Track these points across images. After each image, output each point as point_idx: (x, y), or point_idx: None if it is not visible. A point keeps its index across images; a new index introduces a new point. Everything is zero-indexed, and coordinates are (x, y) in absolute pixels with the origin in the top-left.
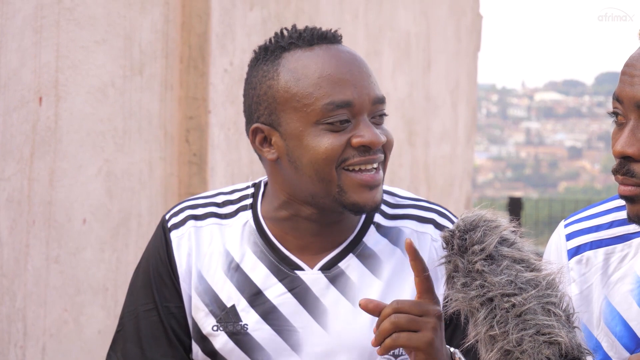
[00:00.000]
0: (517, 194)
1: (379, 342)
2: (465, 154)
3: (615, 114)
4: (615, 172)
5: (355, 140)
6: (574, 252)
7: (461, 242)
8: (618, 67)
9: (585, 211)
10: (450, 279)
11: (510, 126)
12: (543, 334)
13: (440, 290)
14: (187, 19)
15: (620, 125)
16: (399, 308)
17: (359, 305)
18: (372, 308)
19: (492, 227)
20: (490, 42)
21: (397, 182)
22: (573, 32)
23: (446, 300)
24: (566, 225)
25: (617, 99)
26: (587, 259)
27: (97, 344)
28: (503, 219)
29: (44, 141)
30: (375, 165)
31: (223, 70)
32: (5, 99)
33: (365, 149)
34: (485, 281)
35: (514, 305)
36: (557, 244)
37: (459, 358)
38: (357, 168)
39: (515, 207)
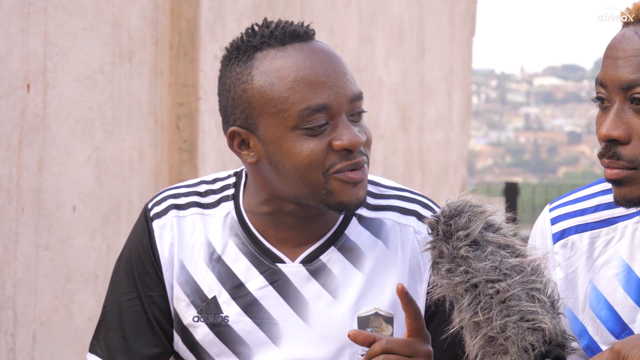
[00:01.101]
0: (517, 179)
1: None
2: (460, 139)
3: (599, 99)
4: (601, 155)
5: (336, 143)
6: (559, 236)
7: (446, 228)
8: None
9: (570, 195)
10: (435, 265)
11: (509, 111)
12: (527, 320)
13: (424, 277)
14: (176, 5)
15: (604, 110)
16: (389, 348)
17: (348, 336)
18: (361, 340)
19: (478, 213)
20: (489, 27)
21: (391, 168)
22: (572, 17)
23: (431, 287)
24: (551, 210)
25: (600, 83)
26: (572, 243)
27: (88, 332)
28: (489, 205)
29: (32, 129)
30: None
31: (213, 56)
32: None
33: (348, 151)
34: (469, 267)
35: (498, 292)
36: (542, 228)
37: None
38: (343, 170)
39: (511, 192)
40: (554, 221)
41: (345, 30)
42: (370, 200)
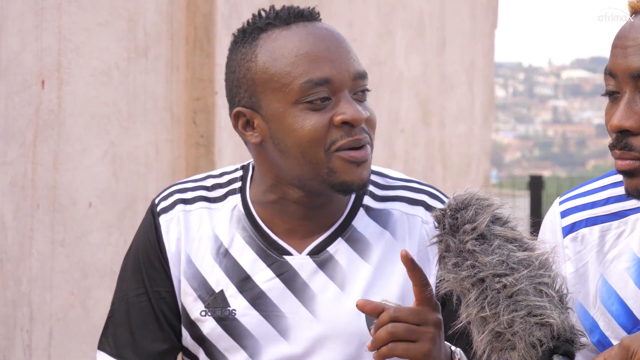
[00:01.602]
0: (545, 173)
1: (375, 348)
2: (482, 133)
3: (608, 89)
4: (612, 147)
5: (337, 118)
6: (568, 230)
7: (452, 221)
8: None
9: (580, 188)
10: (442, 259)
11: (537, 105)
12: (534, 315)
13: (432, 271)
14: (192, 0)
15: (614, 100)
16: (397, 317)
17: (356, 305)
18: (370, 310)
19: (485, 206)
20: (516, 19)
21: (412, 162)
22: (600, 8)
23: (438, 281)
24: (561, 202)
25: (610, 73)
26: (582, 237)
27: None
28: (496, 198)
29: (47, 125)
30: (362, 145)
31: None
32: (6, 82)
33: (349, 126)
34: (476, 261)
35: (505, 286)
36: (552, 222)
37: (459, 358)
38: (345, 147)
39: (536, 185)
40: (564, 214)
41: (364, 25)
42: (376, 191)
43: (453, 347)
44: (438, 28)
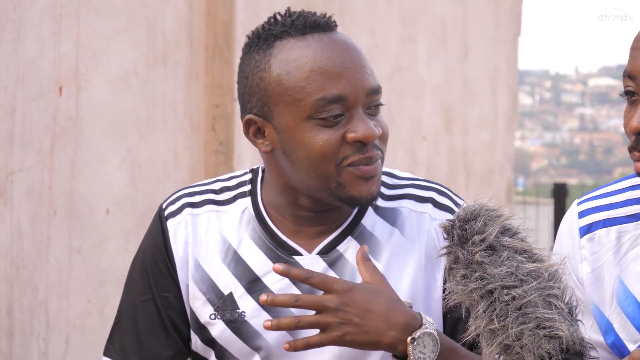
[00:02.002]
0: (572, 181)
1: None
2: (505, 140)
3: (627, 92)
4: (631, 149)
5: (349, 136)
6: (585, 230)
7: (461, 233)
8: None
9: (599, 190)
10: (450, 271)
11: (564, 112)
12: (543, 328)
13: (439, 278)
14: (211, 7)
15: (633, 103)
16: (300, 305)
17: (273, 269)
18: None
19: (494, 217)
20: (543, 27)
21: (434, 169)
22: (600, 8)
23: (447, 293)
24: (579, 203)
25: (629, 75)
26: (599, 237)
27: None
28: (505, 209)
29: (65, 131)
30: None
31: None
32: (24, 89)
33: (362, 144)
34: (485, 273)
35: (514, 298)
36: (569, 222)
37: (412, 338)
38: (356, 164)
39: (560, 193)
40: (582, 215)
41: (386, 31)
42: (385, 191)
43: (424, 316)
44: (461, 34)
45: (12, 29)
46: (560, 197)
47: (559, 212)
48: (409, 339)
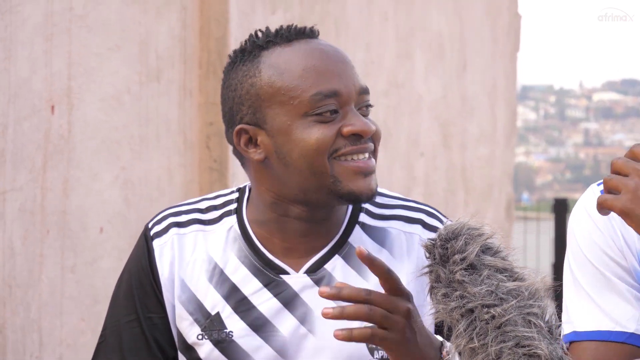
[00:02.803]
0: (577, 195)
1: (341, 317)
2: (505, 156)
3: None
4: None
5: (346, 129)
6: None
7: (443, 252)
8: None
9: None
10: (432, 290)
11: (569, 127)
12: (522, 346)
13: (427, 299)
14: (205, 24)
15: None
16: (372, 300)
17: (319, 293)
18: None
19: (475, 236)
20: (547, 42)
21: (432, 185)
22: (631, 30)
23: (430, 312)
24: (599, 184)
25: None
26: None
27: None
28: (487, 227)
29: (57, 150)
30: (366, 155)
31: None
32: (15, 107)
33: (356, 137)
34: (465, 291)
35: (493, 317)
36: (590, 201)
37: (447, 352)
38: (349, 158)
39: (561, 209)
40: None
41: (382, 47)
42: (373, 209)
43: (443, 340)
44: (458, 50)
45: (3, 47)
46: (561, 212)
47: (560, 228)
48: (444, 352)
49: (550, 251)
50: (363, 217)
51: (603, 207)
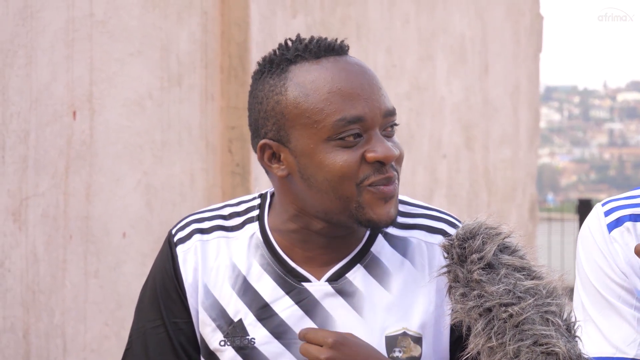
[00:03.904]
0: (602, 196)
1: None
2: (528, 157)
3: None
4: None
5: (369, 155)
6: (614, 225)
7: (461, 251)
8: None
9: (622, 194)
10: (451, 289)
11: (593, 128)
12: (540, 345)
13: (447, 307)
14: (226, 28)
15: None
16: (305, 338)
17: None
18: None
19: (492, 235)
20: (571, 43)
21: (455, 187)
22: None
23: (449, 312)
24: (603, 204)
25: None
26: (627, 229)
27: None
28: (505, 226)
29: (79, 155)
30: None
31: None
32: (37, 113)
33: (380, 164)
34: (483, 291)
35: (511, 316)
36: (594, 221)
37: None
38: (375, 186)
39: (585, 209)
40: (608, 213)
41: (403, 49)
42: (397, 219)
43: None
44: (480, 52)
45: (24, 54)
46: (585, 213)
47: None
48: None
49: (575, 252)
50: (387, 227)
51: None
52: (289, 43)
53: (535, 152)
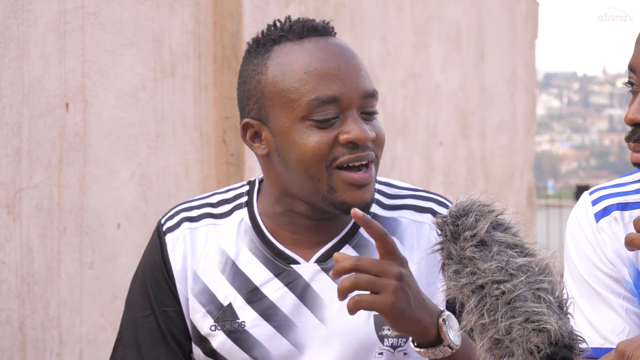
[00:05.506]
0: (602, 182)
1: (341, 299)
2: (525, 144)
3: (630, 83)
4: (627, 139)
5: (342, 137)
6: (601, 214)
7: (454, 228)
8: None
9: (609, 182)
10: (443, 266)
11: (593, 114)
12: (532, 322)
13: (439, 283)
14: (218, 19)
15: (635, 94)
16: (359, 266)
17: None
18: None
19: (485, 212)
20: (570, 29)
21: (452, 175)
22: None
23: (442, 289)
24: (591, 193)
25: (631, 68)
26: (615, 218)
27: None
28: (498, 203)
29: (73, 147)
30: (364, 163)
31: None
32: (30, 106)
33: (354, 145)
34: (476, 268)
35: (503, 293)
36: (581, 211)
37: (444, 320)
38: (345, 165)
39: None
40: (595, 202)
41: (398, 38)
42: (384, 200)
43: (443, 310)
44: (476, 39)
45: (16, 46)
46: None
47: None
48: (440, 319)
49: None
50: (374, 208)
51: (632, 246)
52: (277, 24)
53: (532, 139)
